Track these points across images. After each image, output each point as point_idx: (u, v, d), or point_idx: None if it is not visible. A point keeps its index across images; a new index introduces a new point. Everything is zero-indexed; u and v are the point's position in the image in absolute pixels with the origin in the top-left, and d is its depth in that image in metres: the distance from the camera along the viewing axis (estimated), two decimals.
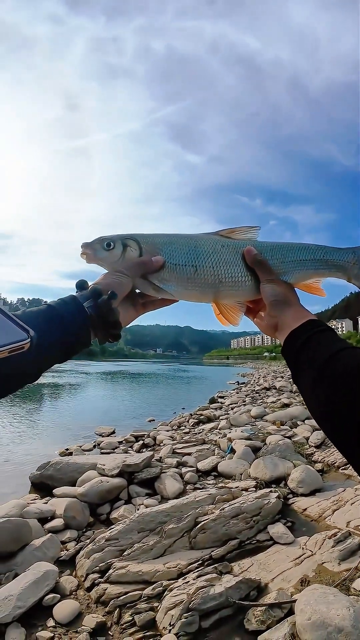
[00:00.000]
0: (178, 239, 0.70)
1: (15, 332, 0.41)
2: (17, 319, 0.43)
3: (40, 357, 0.52)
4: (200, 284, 0.68)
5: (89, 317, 0.57)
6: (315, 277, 0.73)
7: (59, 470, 4.32)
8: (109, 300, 0.58)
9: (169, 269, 0.67)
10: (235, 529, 2.73)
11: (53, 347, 0.53)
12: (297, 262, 0.71)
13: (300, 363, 0.58)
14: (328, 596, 1.88)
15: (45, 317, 0.53)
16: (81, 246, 0.68)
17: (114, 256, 0.67)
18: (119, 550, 2.61)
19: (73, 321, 0.55)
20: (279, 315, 0.66)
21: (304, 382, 0.56)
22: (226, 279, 0.68)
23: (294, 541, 2.77)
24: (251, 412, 8.15)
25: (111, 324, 0.59)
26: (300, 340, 0.59)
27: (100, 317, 0.58)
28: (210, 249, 0.69)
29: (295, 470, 3.90)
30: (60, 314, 0.54)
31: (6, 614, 2.07)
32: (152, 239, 0.69)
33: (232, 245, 0.70)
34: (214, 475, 4.55)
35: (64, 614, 2.18)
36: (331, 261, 0.71)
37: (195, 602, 1.99)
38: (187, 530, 2.72)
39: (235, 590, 2.11)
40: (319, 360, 0.54)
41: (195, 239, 0.71)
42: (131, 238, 0.68)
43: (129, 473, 4.06)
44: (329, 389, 0.50)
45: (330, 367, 0.52)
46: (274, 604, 2.02)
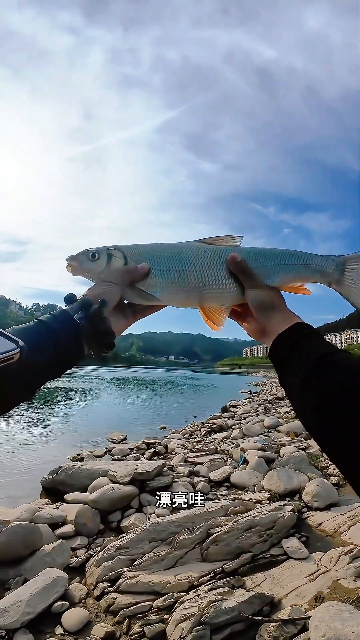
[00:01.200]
0: (161, 247, 0.72)
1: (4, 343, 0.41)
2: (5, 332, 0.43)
3: (33, 373, 0.51)
4: (185, 288, 0.70)
5: (80, 328, 0.56)
6: (297, 280, 0.74)
7: (70, 476, 4.32)
8: (99, 309, 0.58)
9: (154, 275, 0.68)
10: (248, 542, 2.67)
11: (45, 361, 0.52)
12: (280, 266, 0.72)
13: (288, 366, 0.58)
14: (343, 613, 1.82)
15: (35, 332, 0.52)
16: (66, 259, 0.69)
17: (100, 266, 0.68)
18: (130, 559, 2.57)
19: (64, 334, 0.55)
20: (265, 320, 0.67)
21: (292, 384, 0.56)
22: (210, 282, 0.70)
23: (308, 556, 2.69)
24: (264, 422, 8.05)
25: (104, 333, 0.59)
26: (288, 343, 0.60)
27: (92, 327, 0.57)
28: (193, 254, 0.71)
29: (310, 484, 3.81)
30: (50, 328, 0.54)
31: (15, 620, 2.06)
32: (136, 249, 0.71)
33: (215, 250, 0.72)
34: (227, 485, 4.48)
35: (72, 622, 2.16)
36: (313, 266, 0.73)
37: (207, 616, 1.94)
38: (199, 541, 2.67)
39: (248, 605, 2.05)
40: (307, 362, 0.53)
41: (179, 246, 0.73)
42: (116, 248, 0.70)
43: (140, 481, 4.04)
44: (318, 391, 0.50)
45: (320, 369, 0.51)
46: (287, 620, 1.95)
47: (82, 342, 0.57)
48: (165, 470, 4.44)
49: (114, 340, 0.61)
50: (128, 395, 20.91)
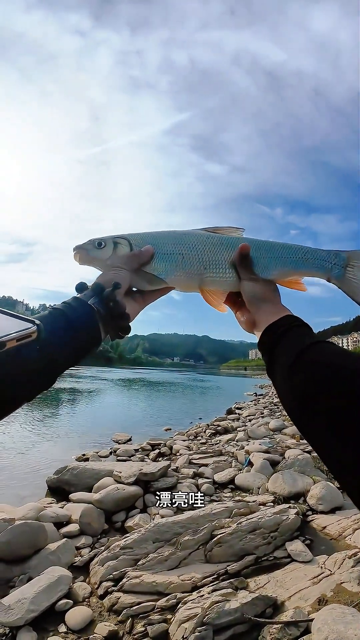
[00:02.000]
0: (165, 233, 0.75)
1: (21, 323, 0.41)
2: (20, 314, 0.44)
3: (52, 360, 0.50)
4: (187, 271, 0.72)
5: (96, 312, 0.57)
6: (295, 275, 0.75)
7: (75, 476, 4.34)
8: (113, 291, 0.59)
9: (159, 259, 0.71)
10: (252, 544, 2.67)
11: (63, 348, 0.52)
12: (279, 260, 0.73)
13: (275, 356, 0.59)
14: (346, 616, 1.82)
15: (51, 319, 0.52)
16: (73, 248, 0.71)
17: (106, 254, 0.70)
18: (134, 559, 2.58)
19: (80, 319, 0.55)
20: (256, 311, 0.67)
21: (278, 375, 0.56)
22: (210, 267, 0.72)
23: (312, 559, 2.68)
24: (269, 425, 8.02)
25: (119, 316, 0.59)
26: (276, 334, 0.60)
27: (107, 310, 0.58)
28: (195, 240, 0.73)
29: (315, 487, 3.80)
30: (65, 314, 0.54)
31: (19, 617, 2.08)
32: (141, 236, 0.73)
33: (217, 237, 0.74)
34: (231, 487, 4.48)
35: (76, 620, 2.17)
36: (312, 261, 0.74)
37: (209, 617, 1.95)
38: (202, 542, 2.68)
39: (251, 607, 2.05)
40: (293, 352, 0.54)
41: (182, 232, 0.75)
42: (121, 237, 0.72)
43: (145, 482, 4.05)
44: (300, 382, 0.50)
45: (304, 358, 0.52)
46: (290, 622, 1.95)
47: (99, 327, 0.57)
48: (170, 471, 4.44)
49: (129, 324, 0.62)
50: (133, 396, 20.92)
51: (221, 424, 8.83)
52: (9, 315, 0.43)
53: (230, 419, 10.45)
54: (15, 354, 0.40)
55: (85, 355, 0.57)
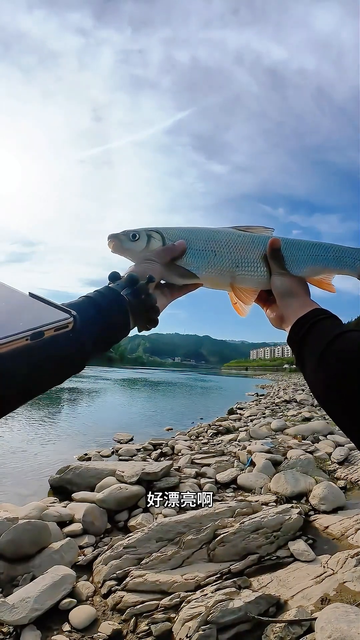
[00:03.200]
0: (198, 229, 0.76)
1: (58, 313, 0.42)
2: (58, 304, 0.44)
3: (82, 346, 0.52)
4: (218, 268, 0.73)
5: (127, 303, 0.58)
6: (325, 272, 0.76)
7: (78, 475, 4.35)
8: (146, 284, 0.61)
9: (191, 254, 0.72)
10: (255, 544, 2.68)
11: (94, 335, 0.53)
12: (310, 257, 0.74)
13: (304, 350, 0.59)
14: (349, 615, 1.82)
15: (84, 307, 0.53)
16: (108, 237, 0.72)
17: (139, 246, 0.71)
18: (137, 558, 2.59)
19: (112, 309, 0.56)
20: (286, 306, 0.68)
21: (308, 368, 0.57)
22: (242, 264, 0.73)
23: (315, 559, 2.69)
24: (271, 425, 8.01)
25: (150, 309, 0.61)
26: (305, 328, 0.61)
27: (139, 302, 0.59)
28: (227, 237, 0.74)
29: (317, 487, 3.80)
30: (99, 304, 0.55)
31: (23, 616, 2.09)
32: (174, 231, 0.74)
33: (249, 235, 0.75)
34: (233, 487, 4.48)
35: (80, 619, 2.18)
36: (342, 259, 0.75)
37: (213, 615, 1.95)
38: (206, 542, 2.68)
39: (255, 606, 2.06)
40: (320, 344, 0.55)
41: (214, 229, 0.76)
42: (155, 230, 0.73)
43: (147, 481, 4.06)
44: (331, 371, 0.51)
45: (332, 348, 0.53)
46: (293, 621, 1.96)
47: (129, 317, 0.59)
48: (172, 471, 4.45)
49: (158, 316, 0.63)
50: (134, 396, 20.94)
51: (223, 424, 8.82)
52: (47, 304, 0.44)
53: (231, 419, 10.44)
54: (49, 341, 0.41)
55: (114, 343, 0.59)
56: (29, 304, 0.43)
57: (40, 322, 0.40)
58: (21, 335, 0.37)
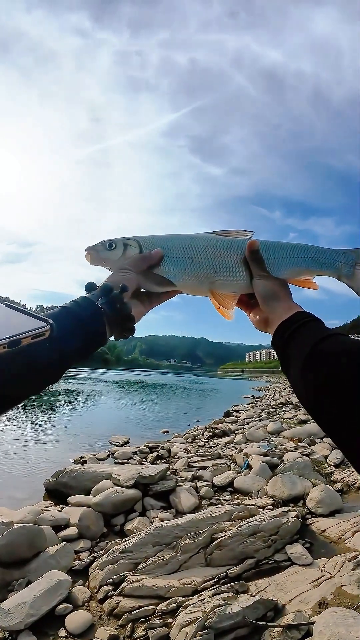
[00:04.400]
0: (174, 237, 0.75)
1: (34, 322, 0.43)
2: (34, 312, 0.46)
3: (62, 355, 0.52)
4: (196, 275, 0.73)
5: (103, 313, 0.58)
6: (306, 274, 0.76)
7: (74, 478, 4.32)
8: (121, 293, 0.61)
9: (168, 262, 0.72)
10: (252, 548, 2.66)
11: (72, 344, 0.54)
12: (290, 259, 0.74)
13: (288, 353, 0.60)
14: (348, 619, 1.81)
15: (61, 317, 0.54)
16: (85, 249, 0.73)
17: (116, 255, 0.72)
18: (134, 563, 2.57)
19: (87, 318, 0.56)
20: (269, 309, 0.68)
21: (293, 371, 0.57)
22: (220, 270, 0.73)
23: (312, 562, 2.68)
24: (268, 428, 8.01)
25: (125, 317, 0.61)
26: (289, 331, 0.61)
27: (114, 312, 0.59)
28: (205, 243, 0.74)
29: (314, 490, 3.80)
30: (75, 313, 0.56)
31: (18, 622, 2.06)
32: (151, 239, 0.75)
33: (227, 240, 0.75)
34: (230, 490, 4.47)
35: (76, 624, 2.16)
36: (322, 260, 0.75)
37: (211, 620, 1.94)
38: (203, 546, 2.67)
39: (252, 610, 2.05)
40: (305, 348, 0.55)
41: (191, 235, 0.76)
42: (131, 238, 0.74)
43: (144, 485, 4.03)
44: (316, 373, 0.51)
45: (316, 352, 0.53)
46: (291, 625, 1.95)
47: (106, 326, 0.59)
48: (169, 474, 4.42)
49: (134, 325, 0.64)
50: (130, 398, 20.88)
51: (219, 427, 8.81)
52: (24, 313, 0.45)
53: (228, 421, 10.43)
54: (26, 349, 0.42)
55: (91, 353, 0.59)
56: (5, 313, 0.44)
57: (17, 330, 0.41)
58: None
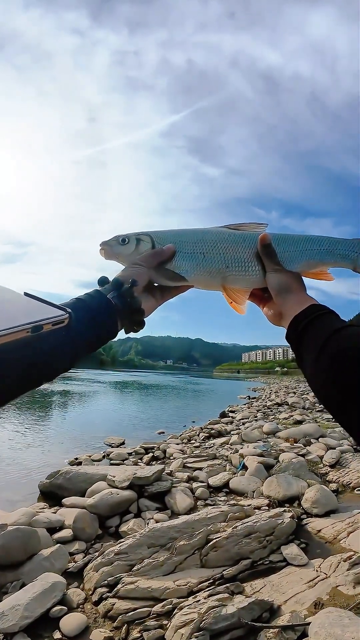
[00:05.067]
0: (187, 231, 0.76)
1: (55, 310, 0.46)
2: (54, 302, 0.48)
3: (74, 345, 0.54)
4: (208, 269, 0.73)
5: (114, 306, 0.60)
6: (320, 266, 0.76)
7: (68, 480, 4.30)
8: (131, 288, 0.63)
9: (180, 257, 0.72)
10: (247, 549, 2.66)
11: (84, 335, 0.56)
12: (303, 252, 0.74)
13: (302, 346, 0.60)
14: (343, 619, 1.82)
15: (75, 307, 0.55)
16: (99, 244, 0.74)
17: (129, 250, 0.73)
18: (129, 565, 2.56)
19: (100, 311, 0.58)
20: (283, 303, 0.68)
21: (307, 364, 0.57)
22: (233, 264, 0.73)
23: (307, 563, 2.68)
24: (263, 428, 8.02)
25: (135, 311, 0.63)
26: (302, 324, 0.61)
27: (124, 305, 0.61)
28: (217, 237, 0.74)
29: (309, 490, 3.80)
30: (88, 305, 0.58)
31: (13, 624, 2.05)
32: (163, 234, 0.75)
33: (240, 234, 0.75)
34: (226, 491, 4.46)
35: (71, 627, 2.14)
36: (337, 251, 0.74)
37: (206, 622, 1.93)
38: (198, 547, 2.66)
39: (248, 611, 2.04)
40: (319, 340, 0.55)
41: (204, 230, 0.76)
42: (144, 233, 0.74)
43: (139, 486, 4.02)
44: (329, 367, 0.51)
45: (330, 345, 0.53)
46: (287, 626, 1.94)
47: (116, 319, 0.61)
48: (164, 475, 4.41)
49: (144, 319, 0.66)
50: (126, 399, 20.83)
51: (215, 427, 8.80)
52: (44, 302, 0.47)
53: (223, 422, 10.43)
54: (46, 337, 0.45)
55: (102, 344, 0.61)
56: (26, 302, 0.47)
57: (39, 316, 0.44)
58: (22, 327, 0.41)
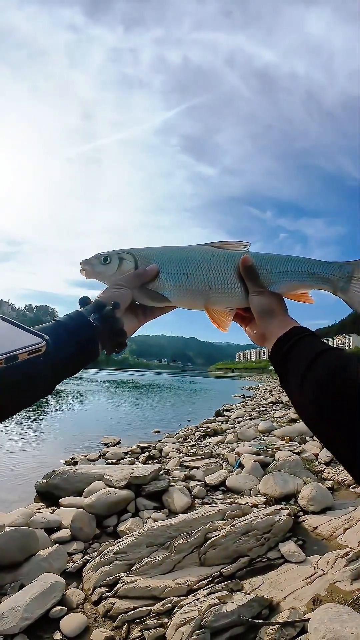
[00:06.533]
0: (170, 250, 0.74)
1: (31, 337, 0.44)
2: (30, 328, 0.47)
3: (54, 369, 0.53)
4: (191, 290, 0.72)
5: (95, 328, 0.59)
6: (301, 288, 0.75)
7: (65, 480, 4.29)
8: (112, 310, 0.62)
9: (163, 278, 0.71)
10: (245, 546, 2.68)
11: (64, 359, 0.54)
12: (285, 274, 0.74)
13: (287, 368, 0.60)
14: (342, 615, 1.84)
15: (54, 331, 0.55)
16: (80, 263, 0.72)
17: (111, 269, 0.72)
18: (128, 564, 2.56)
19: (81, 333, 0.57)
20: (265, 325, 0.69)
21: (292, 386, 0.58)
22: (216, 285, 0.72)
23: (305, 560, 2.70)
24: (259, 427, 8.06)
25: (117, 333, 0.62)
26: (286, 346, 0.62)
27: (106, 327, 0.60)
28: (200, 257, 0.73)
29: (305, 488, 3.83)
30: (67, 327, 0.56)
31: (13, 625, 2.04)
32: (146, 252, 0.74)
33: (223, 254, 0.74)
34: (222, 490, 4.49)
35: (71, 627, 2.14)
36: (318, 274, 0.74)
37: (207, 619, 1.94)
38: (197, 546, 2.67)
39: (247, 608, 2.06)
40: (303, 362, 0.56)
41: (187, 249, 0.75)
42: (126, 252, 0.73)
43: (136, 485, 4.02)
44: (313, 390, 0.52)
45: (313, 368, 0.54)
46: (287, 622, 1.96)
47: (97, 342, 0.60)
48: (161, 474, 4.42)
49: (125, 340, 0.64)
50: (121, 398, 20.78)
51: (210, 426, 8.84)
52: (21, 328, 0.46)
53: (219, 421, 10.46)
54: (22, 366, 0.43)
55: (83, 367, 0.60)
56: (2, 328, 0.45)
57: (14, 345, 0.42)
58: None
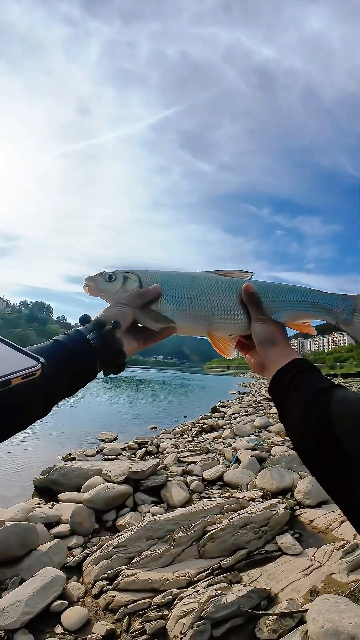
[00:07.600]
0: (175, 274, 0.74)
1: (26, 360, 0.42)
2: (25, 350, 0.45)
3: (50, 392, 0.52)
4: (194, 315, 0.71)
5: (93, 348, 0.57)
6: (304, 318, 0.76)
7: (64, 475, 4.31)
8: (113, 329, 0.60)
9: (166, 300, 0.71)
10: (244, 539, 2.71)
11: (61, 380, 0.53)
12: (288, 303, 0.74)
13: (287, 399, 0.59)
14: (340, 605, 1.87)
15: (52, 351, 0.53)
16: (84, 279, 0.71)
17: (115, 287, 0.71)
18: (127, 557, 2.59)
19: (79, 353, 0.55)
20: (266, 354, 0.68)
21: (291, 417, 0.57)
22: (219, 312, 0.72)
23: (302, 552, 2.75)
24: (255, 423, 8.12)
25: (116, 353, 0.60)
26: (288, 377, 0.61)
27: (105, 347, 0.58)
28: (205, 283, 0.73)
29: (301, 482, 3.88)
30: (66, 347, 0.55)
31: (14, 620, 2.06)
32: (151, 274, 0.73)
33: (226, 281, 0.74)
34: (220, 484, 4.53)
35: (72, 620, 2.16)
36: (321, 305, 0.74)
37: (207, 611, 1.98)
38: (196, 539, 2.70)
39: (247, 600, 2.10)
40: (303, 399, 0.55)
41: (191, 275, 0.75)
42: (132, 272, 0.72)
43: (135, 480, 4.05)
44: (313, 425, 0.51)
45: (314, 405, 0.53)
46: (285, 613, 2.00)
47: (96, 362, 0.58)
48: (159, 469, 4.45)
49: (125, 361, 0.62)
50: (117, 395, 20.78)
51: (207, 422, 8.88)
52: (16, 350, 0.44)
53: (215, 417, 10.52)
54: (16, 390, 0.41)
55: (79, 388, 0.58)
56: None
57: (7, 369, 0.40)
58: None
